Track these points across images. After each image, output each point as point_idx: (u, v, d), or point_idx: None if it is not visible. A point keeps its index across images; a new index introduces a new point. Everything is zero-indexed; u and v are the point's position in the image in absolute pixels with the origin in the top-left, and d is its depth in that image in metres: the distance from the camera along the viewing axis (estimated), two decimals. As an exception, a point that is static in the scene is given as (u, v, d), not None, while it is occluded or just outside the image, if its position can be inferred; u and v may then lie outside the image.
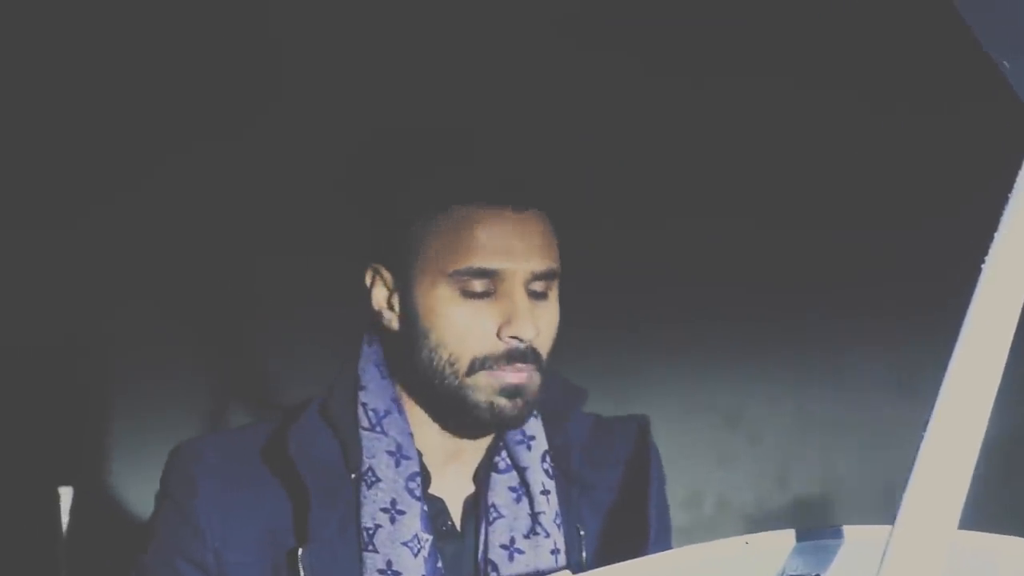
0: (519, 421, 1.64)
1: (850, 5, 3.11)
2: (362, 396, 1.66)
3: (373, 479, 1.62)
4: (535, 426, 1.69)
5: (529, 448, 1.67)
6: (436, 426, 1.67)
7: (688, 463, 3.34)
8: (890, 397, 3.44)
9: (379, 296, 1.67)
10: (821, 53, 3.24)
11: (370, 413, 1.65)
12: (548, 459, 1.68)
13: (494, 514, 1.66)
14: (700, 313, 3.34)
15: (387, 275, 1.66)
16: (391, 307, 1.66)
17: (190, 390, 2.98)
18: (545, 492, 1.66)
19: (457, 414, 1.64)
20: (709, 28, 3.17)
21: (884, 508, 3.42)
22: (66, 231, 2.86)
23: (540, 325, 1.62)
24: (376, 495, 1.62)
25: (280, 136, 2.98)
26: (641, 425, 1.75)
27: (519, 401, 1.62)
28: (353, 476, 1.63)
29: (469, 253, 1.61)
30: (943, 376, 1.05)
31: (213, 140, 2.96)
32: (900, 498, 1.10)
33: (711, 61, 3.21)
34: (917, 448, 0.94)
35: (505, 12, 3.02)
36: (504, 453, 1.68)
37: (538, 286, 1.63)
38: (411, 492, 1.63)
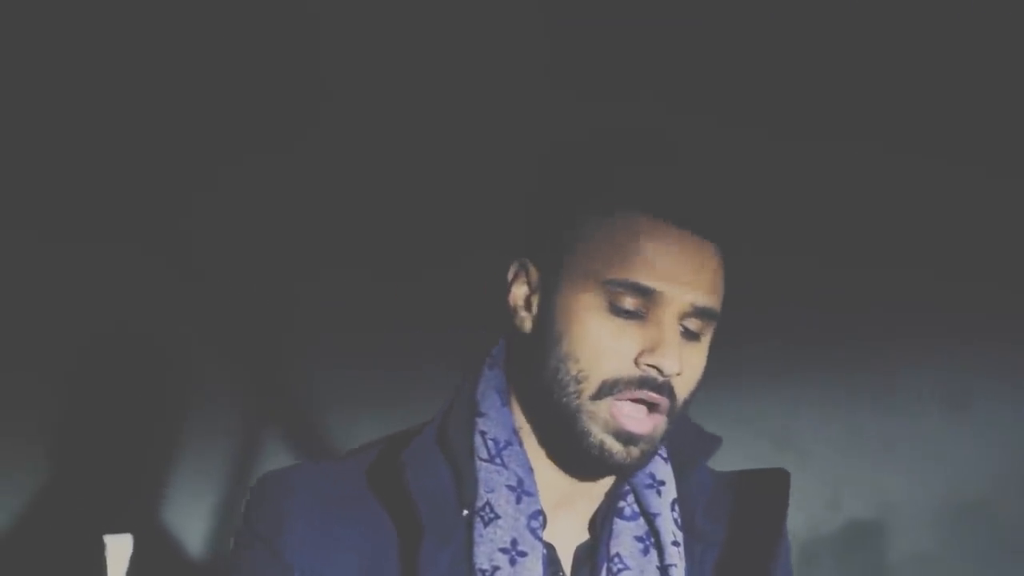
0: (630, 469, 1.52)
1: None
2: (480, 424, 1.53)
3: (491, 516, 1.50)
4: (665, 471, 1.57)
5: (659, 494, 1.55)
6: (553, 463, 1.55)
7: (737, 487, 3.27)
8: (942, 416, 3.37)
9: (518, 293, 1.54)
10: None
11: (489, 443, 1.52)
12: (677, 508, 1.57)
13: (618, 565, 1.54)
14: (747, 334, 3.27)
15: (533, 271, 1.53)
16: (528, 307, 1.54)
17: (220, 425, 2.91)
18: (676, 543, 1.54)
19: (568, 442, 1.51)
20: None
21: (937, 530, 3.37)
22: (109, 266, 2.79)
23: (685, 365, 1.51)
24: (495, 533, 1.49)
25: (323, 156, 2.91)
26: (780, 481, 1.64)
27: (633, 450, 1.50)
28: (465, 512, 1.51)
29: (631, 265, 1.48)
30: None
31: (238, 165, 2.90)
32: None
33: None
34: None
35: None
36: (631, 498, 1.56)
37: (693, 324, 1.51)
38: (533, 532, 1.50)
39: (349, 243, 2.92)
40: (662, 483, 1.57)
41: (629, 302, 1.48)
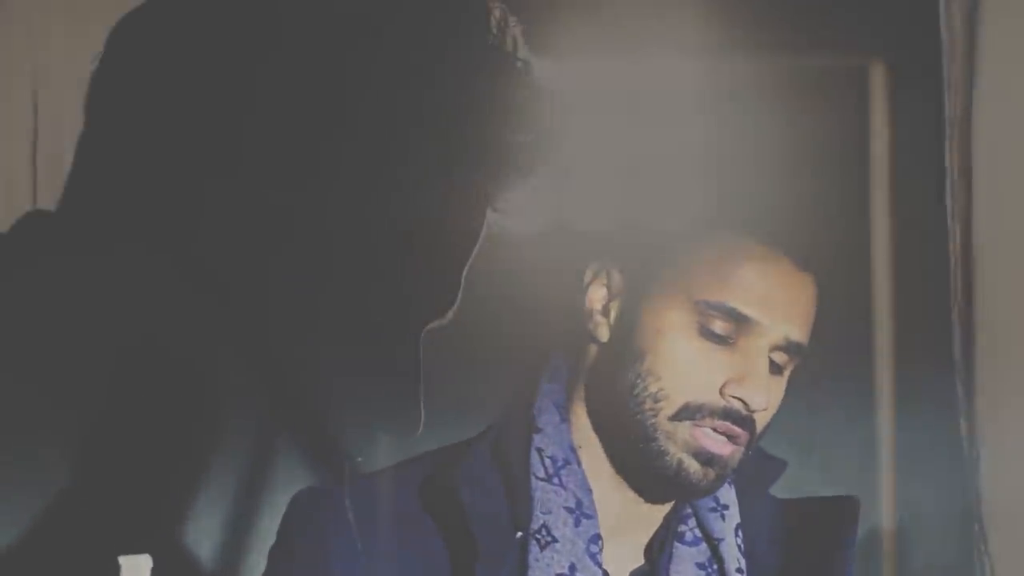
0: (702, 492, 1.49)
1: None
2: (537, 440, 1.49)
3: (548, 539, 1.45)
4: (729, 495, 1.53)
5: (723, 518, 1.51)
6: (612, 484, 1.51)
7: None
8: (966, 424, 3.34)
9: (595, 296, 1.51)
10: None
11: (547, 461, 1.49)
12: (740, 533, 1.52)
13: None
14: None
15: (616, 277, 1.50)
16: (605, 313, 1.50)
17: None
18: (740, 571, 1.50)
19: (638, 462, 1.47)
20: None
21: (962, 537, 3.33)
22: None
23: (771, 399, 1.46)
24: (551, 557, 1.45)
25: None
26: (849, 510, 1.58)
27: (710, 471, 1.46)
28: (519, 534, 1.46)
29: (727, 288, 1.45)
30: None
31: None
32: None
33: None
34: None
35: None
36: (692, 522, 1.52)
37: (780, 357, 1.48)
38: (592, 557, 1.47)
39: (367, 248, 2.87)
40: (726, 507, 1.52)
41: (720, 326, 1.45)
